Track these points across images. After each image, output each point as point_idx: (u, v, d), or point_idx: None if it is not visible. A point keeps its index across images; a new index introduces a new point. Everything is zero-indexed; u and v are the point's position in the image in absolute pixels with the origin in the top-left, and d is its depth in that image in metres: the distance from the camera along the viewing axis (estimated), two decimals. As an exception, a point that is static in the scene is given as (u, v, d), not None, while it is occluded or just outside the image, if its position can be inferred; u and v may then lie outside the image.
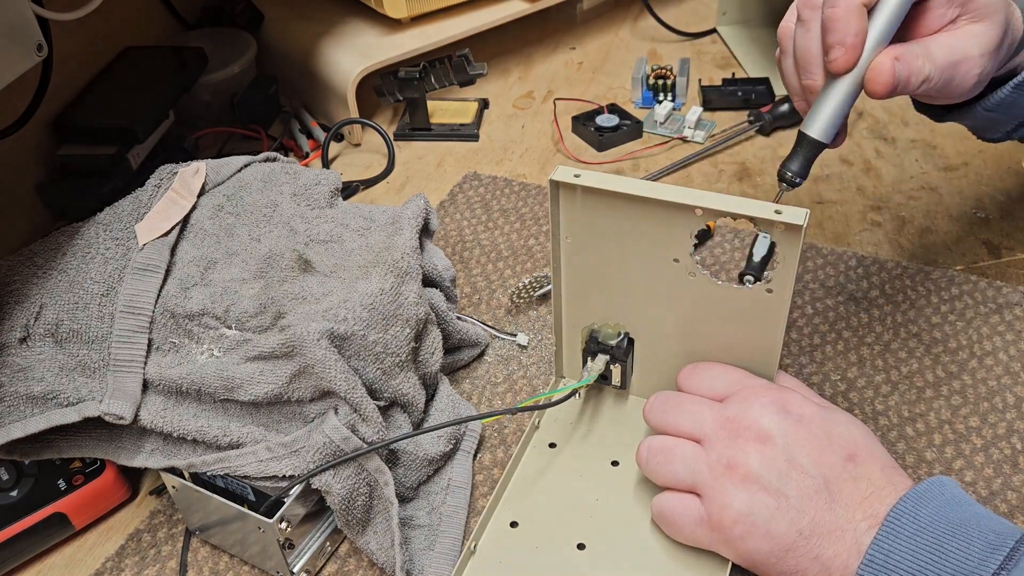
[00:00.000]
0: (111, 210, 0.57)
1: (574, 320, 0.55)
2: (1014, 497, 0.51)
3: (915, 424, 0.56)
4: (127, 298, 0.51)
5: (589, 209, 0.49)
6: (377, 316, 0.50)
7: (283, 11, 0.97)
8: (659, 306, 0.52)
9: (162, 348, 0.51)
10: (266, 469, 0.47)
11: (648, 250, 0.49)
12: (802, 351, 0.62)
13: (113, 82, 0.81)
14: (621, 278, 0.51)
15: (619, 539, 0.49)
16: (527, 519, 0.50)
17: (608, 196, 0.48)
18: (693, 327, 0.51)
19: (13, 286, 0.52)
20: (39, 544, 0.53)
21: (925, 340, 0.61)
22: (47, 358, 0.50)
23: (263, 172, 0.61)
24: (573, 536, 0.49)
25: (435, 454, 0.53)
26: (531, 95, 0.95)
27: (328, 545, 0.51)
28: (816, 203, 0.76)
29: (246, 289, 0.52)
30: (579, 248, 0.51)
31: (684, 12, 1.08)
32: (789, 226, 0.44)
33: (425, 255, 0.58)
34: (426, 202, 0.59)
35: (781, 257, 0.46)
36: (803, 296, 0.66)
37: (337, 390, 0.47)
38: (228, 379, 0.48)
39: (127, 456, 0.51)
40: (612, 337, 0.54)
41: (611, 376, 0.55)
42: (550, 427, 0.56)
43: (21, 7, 0.53)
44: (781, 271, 0.46)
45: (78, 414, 0.49)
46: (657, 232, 0.48)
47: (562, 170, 0.48)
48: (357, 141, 0.89)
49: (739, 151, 0.84)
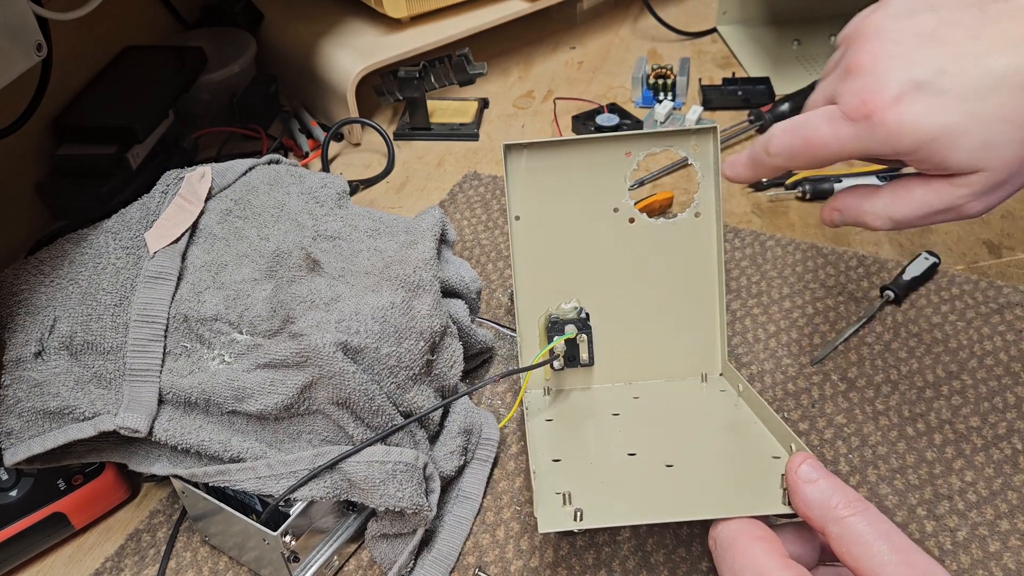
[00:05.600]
0: (119, 218, 0.57)
1: (534, 306, 0.56)
2: (1014, 497, 0.51)
3: (915, 424, 0.56)
4: (140, 307, 0.51)
5: (534, 173, 0.54)
6: (389, 329, 0.49)
7: (283, 11, 0.96)
8: (608, 267, 0.55)
9: (174, 352, 0.51)
10: (263, 487, 0.47)
11: (589, 204, 0.55)
12: (802, 351, 0.62)
13: (113, 82, 0.81)
14: (569, 246, 0.55)
15: (663, 448, 0.48)
16: (567, 455, 0.48)
17: (548, 151, 0.54)
18: (641, 277, 0.55)
19: (20, 295, 0.52)
20: (39, 544, 0.53)
21: (925, 340, 0.61)
22: (62, 372, 0.50)
23: (269, 175, 0.61)
24: (620, 448, 0.48)
25: (450, 470, 0.53)
26: (531, 95, 0.95)
27: (336, 559, 0.51)
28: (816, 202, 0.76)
29: (258, 291, 0.52)
30: (529, 224, 0.55)
31: (684, 11, 1.08)
32: (701, 133, 0.47)
33: (451, 266, 0.58)
34: (442, 214, 0.59)
35: (700, 176, 0.52)
36: (803, 296, 0.66)
37: (355, 401, 0.47)
38: (239, 388, 0.48)
39: (138, 461, 0.51)
40: (570, 313, 0.55)
41: (578, 353, 0.55)
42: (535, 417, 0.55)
43: (21, 7, 0.53)
44: (703, 191, 0.53)
45: (94, 428, 0.49)
46: (594, 181, 0.53)
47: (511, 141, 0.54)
48: (357, 141, 0.89)
49: (739, 151, 0.83)
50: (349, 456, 0.47)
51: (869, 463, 0.54)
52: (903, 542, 0.35)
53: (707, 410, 0.52)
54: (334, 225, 0.58)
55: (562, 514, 0.41)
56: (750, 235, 0.72)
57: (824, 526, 0.37)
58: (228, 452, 0.49)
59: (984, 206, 0.42)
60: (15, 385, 0.50)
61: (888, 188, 0.44)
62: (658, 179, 0.80)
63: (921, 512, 0.51)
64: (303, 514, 0.48)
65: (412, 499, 0.47)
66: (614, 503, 0.42)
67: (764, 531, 0.39)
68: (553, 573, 0.50)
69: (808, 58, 0.96)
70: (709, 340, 0.56)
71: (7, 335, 0.51)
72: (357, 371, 0.47)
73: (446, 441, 0.53)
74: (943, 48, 0.40)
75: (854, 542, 0.36)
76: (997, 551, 0.49)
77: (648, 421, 0.52)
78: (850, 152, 0.43)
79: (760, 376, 0.60)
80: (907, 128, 0.40)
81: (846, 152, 0.43)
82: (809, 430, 0.56)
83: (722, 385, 0.55)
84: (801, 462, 0.39)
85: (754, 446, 0.46)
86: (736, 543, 0.38)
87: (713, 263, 0.55)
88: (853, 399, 0.58)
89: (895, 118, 0.40)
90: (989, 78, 0.39)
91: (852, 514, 0.36)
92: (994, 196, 0.42)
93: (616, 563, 0.50)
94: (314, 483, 0.47)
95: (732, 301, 0.66)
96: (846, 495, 0.37)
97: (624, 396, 0.55)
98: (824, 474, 0.38)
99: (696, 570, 0.49)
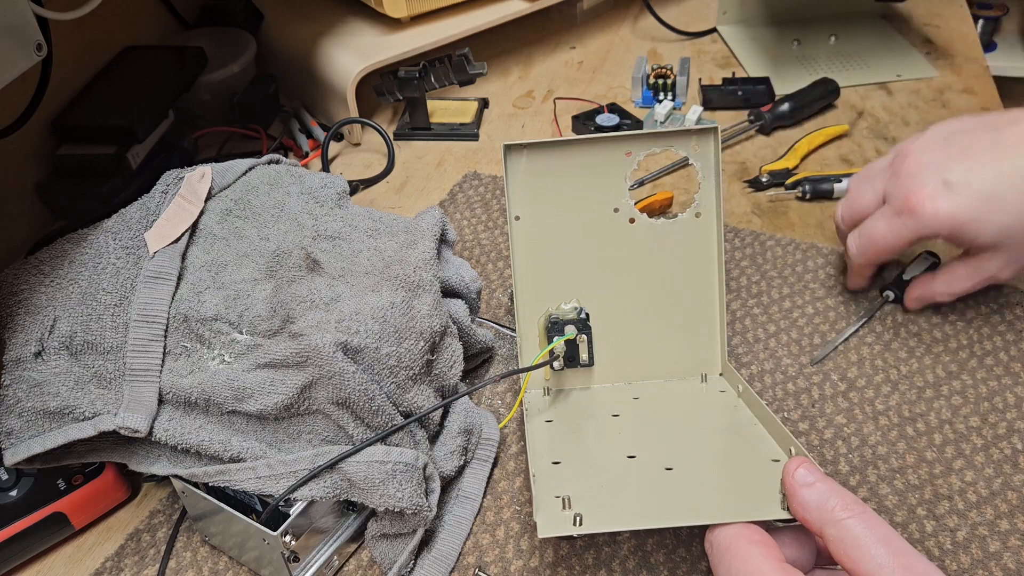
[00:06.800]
0: (119, 218, 0.57)
1: (534, 306, 0.56)
2: (1014, 497, 0.51)
3: (915, 424, 0.56)
4: (140, 307, 0.51)
5: (534, 173, 0.54)
6: (389, 329, 0.49)
7: (283, 11, 0.96)
8: (608, 267, 0.55)
9: (174, 352, 0.51)
10: (263, 487, 0.47)
11: (589, 204, 0.55)
12: (802, 351, 0.62)
13: (113, 82, 0.81)
14: (569, 246, 0.55)
15: (663, 450, 0.48)
16: (566, 458, 0.49)
17: (549, 151, 0.54)
18: (641, 277, 0.55)
19: (20, 295, 0.52)
20: (38, 544, 0.53)
21: (925, 340, 0.61)
22: (62, 372, 0.50)
23: (269, 175, 0.61)
24: (620, 450, 0.48)
25: (450, 470, 0.53)
26: (531, 94, 0.95)
27: (336, 559, 0.51)
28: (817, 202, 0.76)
29: (258, 291, 0.52)
30: (529, 224, 0.55)
31: (684, 11, 1.08)
32: (702, 133, 0.47)
33: (450, 266, 0.58)
34: (442, 214, 0.59)
35: (701, 176, 0.52)
36: (803, 296, 0.66)
37: (355, 401, 0.47)
38: (239, 388, 0.48)
39: (138, 461, 0.51)
40: (570, 313, 0.55)
41: (577, 354, 0.55)
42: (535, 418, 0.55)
43: (21, 7, 0.53)
44: (704, 191, 0.53)
45: (94, 428, 0.48)
46: (595, 181, 0.53)
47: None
48: (357, 140, 0.89)
49: (739, 150, 0.84)
50: (349, 456, 0.47)
51: (869, 463, 0.54)
52: (901, 545, 0.35)
53: (707, 411, 0.52)
54: (334, 225, 0.58)
55: (561, 519, 0.41)
56: (750, 235, 0.72)
57: (822, 529, 0.37)
58: (228, 452, 0.49)
59: (1012, 272, 0.57)
60: (15, 385, 0.50)
61: (943, 273, 0.60)
62: (658, 179, 0.80)
63: (921, 512, 0.51)
64: (303, 514, 0.48)
65: (412, 499, 0.47)
66: (613, 507, 0.42)
67: (761, 535, 0.39)
68: (553, 573, 0.50)
69: (808, 58, 0.96)
70: (709, 340, 0.56)
71: (7, 335, 0.51)
72: (357, 371, 0.47)
73: (446, 441, 0.53)
74: (967, 159, 0.53)
75: (852, 545, 0.36)
76: (997, 551, 0.49)
77: (648, 422, 0.52)
78: (906, 239, 0.56)
79: (760, 376, 0.60)
80: (942, 217, 0.53)
81: (903, 240, 0.56)
82: (809, 430, 0.56)
83: (722, 385, 0.55)
84: (797, 466, 0.39)
85: (753, 449, 0.46)
86: (733, 547, 0.38)
87: (713, 263, 0.55)
88: (853, 399, 0.58)
89: (932, 210, 0.53)
90: (1003, 179, 0.52)
91: (850, 516, 0.36)
92: (1019, 264, 0.56)
93: (616, 563, 0.50)
94: (314, 483, 0.47)
95: (732, 301, 0.66)
96: (843, 498, 0.37)
97: (624, 396, 0.55)
98: (821, 477, 0.39)
99: (696, 570, 0.49)
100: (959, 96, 0.89)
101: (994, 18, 1.81)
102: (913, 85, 0.91)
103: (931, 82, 0.91)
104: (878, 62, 0.94)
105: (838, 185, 0.75)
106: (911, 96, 0.89)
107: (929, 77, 0.92)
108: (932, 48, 0.97)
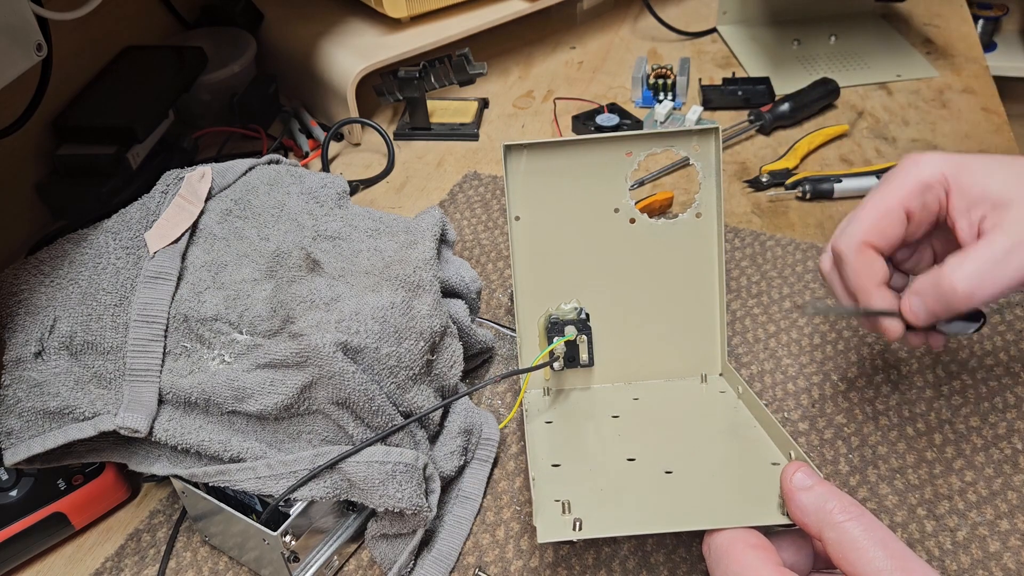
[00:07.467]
0: (119, 218, 0.57)
1: (534, 306, 0.56)
2: (1014, 497, 0.51)
3: (915, 424, 0.56)
4: (140, 307, 0.51)
5: (534, 173, 0.54)
6: (389, 329, 0.49)
7: (283, 11, 0.96)
8: (608, 267, 0.55)
9: (174, 352, 0.51)
10: (263, 487, 0.47)
11: (590, 204, 0.55)
12: (802, 351, 0.62)
13: (113, 81, 0.81)
14: (569, 246, 0.55)
15: (662, 453, 0.48)
16: (566, 460, 0.48)
17: (549, 151, 0.54)
18: (641, 277, 0.55)
19: (20, 295, 0.52)
20: (39, 544, 0.52)
21: (925, 340, 0.61)
22: (62, 372, 0.50)
23: (269, 175, 0.61)
24: (619, 452, 0.48)
25: (450, 470, 0.53)
26: (531, 95, 0.95)
27: (336, 559, 0.51)
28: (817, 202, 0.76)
29: (257, 291, 0.52)
30: (529, 224, 0.55)
31: (684, 11, 1.08)
32: (703, 133, 0.47)
33: (451, 266, 0.58)
34: (442, 214, 0.59)
35: (702, 177, 0.52)
36: (803, 296, 0.66)
37: (355, 401, 0.47)
38: (239, 388, 0.48)
39: (138, 461, 0.51)
40: (570, 313, 0.55)
41: (577, 354, 0.55)
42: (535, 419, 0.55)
43: (21, 7, 0.53)
44: (705, 191, 0.53)
45: (94, 428, 0.48)
46: (595, 181, 0.53)
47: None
48: (357, 141, 0.89)
49: (739, 150, 0.84)
50: (349, 456, 0.47)
51: (869, 463, 0.54)
52: (899, 548, 0.35)
53: (707, 412, 0.52)
54: (334, 225, 0.58)
55: (561, 523, 0.41)
56: (750, 235, 0.72)
57: (820, 532, 0.37)
58: (228, 452, 0.49)
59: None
60: (15, 385, 0.50)
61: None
62: (658, 179, 0.80)
63: (921, 512, 0.51)
64: (303, 514, 0.48)
65: (412, 499, 0.47)
66: (613, 512, 0.42)
67: (759, 539, 0.39)
68: (553, 573, 0.50)
69: (808, 58, 0.96)
70: (709, 340, 0.56)
71: (7, 335, 0.51)
72: (357, 371, 0.47)
73: (446, 441, 0.53)
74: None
75: (850, 547, 0.36)
76: (997, 551, 0.49)
77: (647, 423, 0.52)
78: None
79: (760, 376, 0.60)
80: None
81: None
82: (809, 430, 0.56)
83: (722, 386, 0.55)
84: (795, 470, 0.39)
85: (753, 452, 0.46)
86: (731, 551, 0.38)
87: (713, 263, 0.55)
88: (853, 399, 0.58)
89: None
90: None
91: (848, 519, 0.36)
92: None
93: (616, 563, 0.50)
94: (314, 483, 0.47)
95: (732, 301, 0.66)
96: (841, 501, 0.37)
97: (624, 397, 0.55)
98: (819, 481, 0.39)
99: (696, 570, 0.49)
100: (959, 96, 0.89)
101: (994, 18, 1.82)
102: (913, 85, 0.91)
103: (931, 82, 0.91)
104: (878, 62, 0.94)
105: (838, 185, 0.75)
106: (911, 96, 0.89)
107: (929, 77, 0.92)
108: (932, 48, 0.97)
